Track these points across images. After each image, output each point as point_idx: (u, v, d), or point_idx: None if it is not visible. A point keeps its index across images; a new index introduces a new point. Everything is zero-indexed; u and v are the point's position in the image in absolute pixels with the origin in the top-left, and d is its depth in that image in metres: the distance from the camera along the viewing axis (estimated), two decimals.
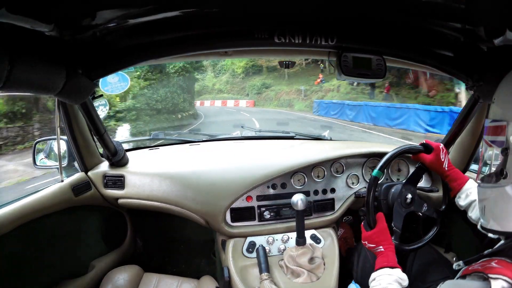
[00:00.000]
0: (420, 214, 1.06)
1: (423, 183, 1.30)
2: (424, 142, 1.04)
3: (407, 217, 1.04)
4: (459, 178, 0.97)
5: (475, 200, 0.91)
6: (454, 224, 1.15)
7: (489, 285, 0.46)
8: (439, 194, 1.19)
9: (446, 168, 0.99)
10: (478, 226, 0.85)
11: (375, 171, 0.99)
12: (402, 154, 1.05)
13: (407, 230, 1.09)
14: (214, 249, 1.28)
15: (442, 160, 0.99)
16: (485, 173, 0.60)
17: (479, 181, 0.62)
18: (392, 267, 0.83)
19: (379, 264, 0.86)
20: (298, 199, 0.97)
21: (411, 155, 1.07)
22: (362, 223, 0.99)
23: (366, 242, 0.93)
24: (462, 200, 0.95)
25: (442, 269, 1.06)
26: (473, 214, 0.91)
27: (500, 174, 0.55)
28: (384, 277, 0.81)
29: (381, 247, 0.89)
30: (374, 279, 0.83)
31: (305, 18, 0.76)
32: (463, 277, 0.52)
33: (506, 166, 0.54)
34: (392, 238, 0.93)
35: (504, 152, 0.54)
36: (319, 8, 0.71)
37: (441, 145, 1.01)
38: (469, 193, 0.93)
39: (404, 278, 0.81)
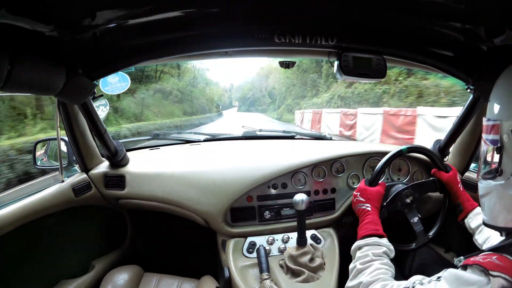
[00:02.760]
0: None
1: None
2: (445, 163, 1.11)
3: (399, 214, 1.06)
4: (471, 200, 1.00)
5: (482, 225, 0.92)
6: (454, 224, 1.15)
7: (489, 281, 0.46)
8: (439, 194, 1.19)
9: (460, 189, 1.03)
10: (483, 247, 0.85)
11: (404, 147, 1.04)
12: (431, 157, 1.11)
13: (405, 228, 1.09)
14: (214, 249, 1.28)
15: (459, 180, 1.05)
16: (484, 171, 0.62)
17: (479, 178, 0.63)
18: (381, 236, 0.80)
19: (365, 230, 0.81)
20: (300, 199, 0.97)
21: (434, 165, 1.12)
22: (364, 179, 1.02)
23: (358, 194, 0.93)
24: (473, 222, 0.95)
25: (442, 269, 1.06)
26: (480, 238, 0.91)
27: (495, 172, 0.57)
28: (372, 248, 0.76)
29: (369, 205, 0.88)
30: (359, 248, 0.78)
31: (305, 18, 0.76)
32: (464, 267, 0.52)
33: (501, 164, 0.56)
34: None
35: (498, 150, 0.56)
36: (319, 8, 0.71)
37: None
38: (479, 217, 0.94)
39: (391, 249, 0.78)
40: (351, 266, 0.77)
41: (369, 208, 0.87)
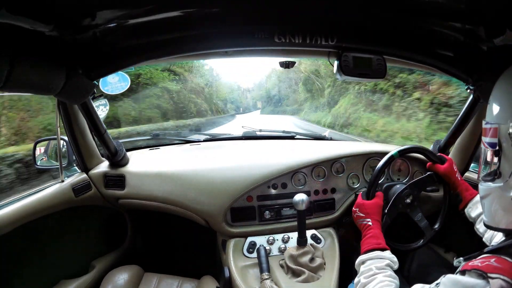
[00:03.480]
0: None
1: None
2: (439, 154, 1.10)
3: (402, 215, 1.05)
4: (470, 188, 1.00)
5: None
6: (454, 224, 1.15)
7: (488, 283, 0.46)
8: (439, 194, 1.19)
9: (458, 178, 1.03)
10: (484, 238, 0.85)
11: (395, 152, 1.03)
12: (424, 153, 1.09)
13: (411, 228, 1.10)
14: (214, 249, 1.28)
15: (455, 170, 1.04)
16: (484, 172, 0.62)
17: (480, 180, 0.64)
18: (383, 249, 0.80)
19: (368, 245, 0.82)
20: (300, 199, 0.97)
21: (428, 160, 1.11)
22: (361, 192, 1.01)
23: (357, 209, 0.93)
24: (473, 211, 0.95)
25: (441, 270, 1.06)
26: (481, 227, 0.90)
27: (494, 174, 0.57)
28: (375, 262, 0.77)
29: (369, 220, 0.88)
30: (363, 263, 0.79)
31: (305, 18, 0.76)
32: (463, 272, 0.52)
33: (499, 167, 0.56)
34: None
35: (497, 153, 0.56)
36: (319, 8, 0.71)
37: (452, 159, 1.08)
38: (479, 205, 0.94)
39: (395, 261, 0.79)
40: (356, 280, 0.78)
41: (370, 223, 0.87)
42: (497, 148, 0.56)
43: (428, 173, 1.10)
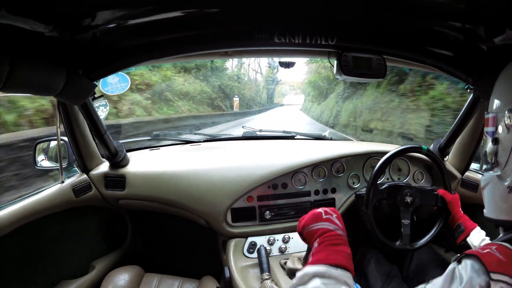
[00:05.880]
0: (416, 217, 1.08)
1: (423, 182, 1.30)
2: (452, 187, 1.12)
3: (395, 208, 1.06)
4: (471, 220, 1.00)
5: (484, 239, 0.93)
6: None
7: (488, 278, 0.44)
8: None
9: (461, 211, 1.04)
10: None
11: (425, 147, 1.07)
12: (442, 173, 1.10)
13: (397, 225, 1.09)
14: (215, 249, 1.28)
15: (459, 204, 1.05)
16: (485, 166, 0.63)
17: (482, 172, 0.64)
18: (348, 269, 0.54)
19: (341, 258, 0.55)
20: None
21: (442, 180, 1.11)
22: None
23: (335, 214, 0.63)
24: (475, 240, 0.95)
25: (441, 270, 1.05)
26: None
27: (492, 163, 0.59)
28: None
29: (342, 233, 0.61)
30: (326, 277, 0.51)
31: (305, 18, 0.76)
32: (459, 261, 0.50)
33: (497, 155, 0.58)
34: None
35: (494, 142, 0.58)
36: (319, 8, 0.71)
37: None
38: (481, 234, 0.95)
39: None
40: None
41: (343, 236, 0.60)
42: (495, 136, 0.58)
43: (435, 193, 1.08)
